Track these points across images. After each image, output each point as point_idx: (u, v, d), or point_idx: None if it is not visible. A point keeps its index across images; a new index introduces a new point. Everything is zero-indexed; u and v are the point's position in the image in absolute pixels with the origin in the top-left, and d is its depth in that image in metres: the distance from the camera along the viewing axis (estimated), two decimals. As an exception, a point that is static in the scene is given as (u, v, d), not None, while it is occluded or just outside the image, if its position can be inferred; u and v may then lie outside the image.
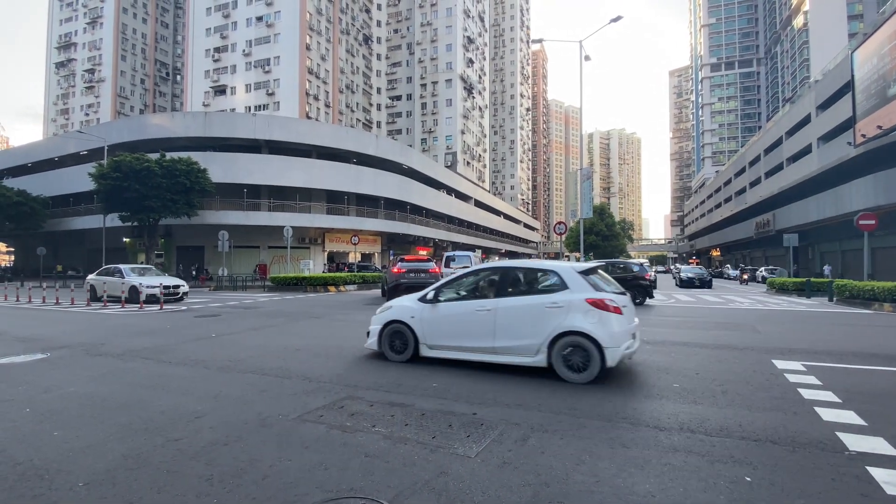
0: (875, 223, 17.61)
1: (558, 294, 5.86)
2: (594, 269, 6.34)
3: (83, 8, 79.30)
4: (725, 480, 3.05)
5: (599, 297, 5.67)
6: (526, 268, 6.55)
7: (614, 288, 6.25)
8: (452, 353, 6.42)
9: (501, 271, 6.51)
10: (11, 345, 8.47)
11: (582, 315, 5.62)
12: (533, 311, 5.90)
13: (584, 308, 5.64)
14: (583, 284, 5.83)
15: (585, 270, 6.07)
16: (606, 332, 5.50)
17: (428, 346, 6.60)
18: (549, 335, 5.70)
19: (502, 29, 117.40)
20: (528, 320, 5.89)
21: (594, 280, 6.01)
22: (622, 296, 6.10)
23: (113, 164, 29.19)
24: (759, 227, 47.55)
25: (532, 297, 6.09)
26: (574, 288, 5.83)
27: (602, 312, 5.59)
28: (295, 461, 3.35)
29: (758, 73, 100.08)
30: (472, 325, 6.24)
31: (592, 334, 5.49)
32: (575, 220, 59.76)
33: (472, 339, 6.24)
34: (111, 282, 17.39)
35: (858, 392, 5.14)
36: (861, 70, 28.07)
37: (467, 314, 6.33)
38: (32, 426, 4.15)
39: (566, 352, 5.63)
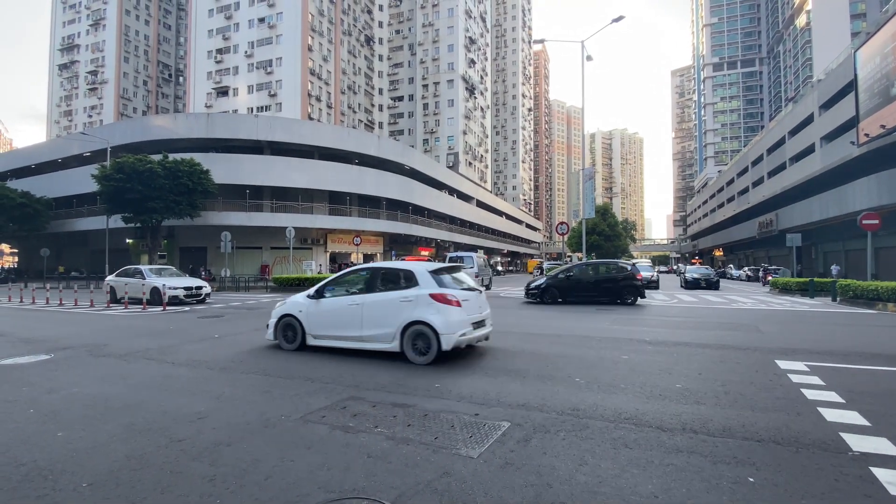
0: (878, 223, 17.54)
1: (410, 290, 6.94)
2: (444, 268, 7.40)
3: (86, 10, 79.59)
4: (728, 481, 3.05)
5: (441, 292, 6.74)
6: (388, 268, 7.66)
7: (465, 286, 7.38)
8: (331, 342, 7.48)
9: (371, 271, 7.66)
10: (16, 346, 8.51)
11: (426, 307, 6.68)
12: (390, 304, 6.97)
13: (427, 301, 6.70)
14: (430, 282, 6.91)
15: (435, 270, 7.19)
16: (443, 321, 6.55)
17: (313, 336, 7.64)
18: (402, 324, 6.78)
19: (504, 29, 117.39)
20: (387, 312, 6.96)
21: (442, 278, 7.06)
22: (470, 292, 7.22)
23: (116, 166, 29.29)
24: (762, 226, 47.43)
25: (391, 293, 7.13)
26: (423, 285, 6.91)
27: (442, 305, 6.64)
28: (298, 462, 3.35)
29: (760, 73, 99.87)
30: (346, 318, 7.30)
31: (432, 323, 6.55)
32: (577, 220, 59.73)
33: (346, 329, 7.30)
34: (132, 283, 17.06)
35: (862, 392, 5.12)
36: (864, 69, 27.98)
37: (342, 308, 7.40)
38: (36, 427, 4.17)
39: (413, 338, 6.72)
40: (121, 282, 17.45)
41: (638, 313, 13.52)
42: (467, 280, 7.74)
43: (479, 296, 7.46)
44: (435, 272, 7.12)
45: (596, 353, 7.43)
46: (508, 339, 8.94)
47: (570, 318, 12.24)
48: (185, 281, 17.54)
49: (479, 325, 7.19)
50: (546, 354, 7.36)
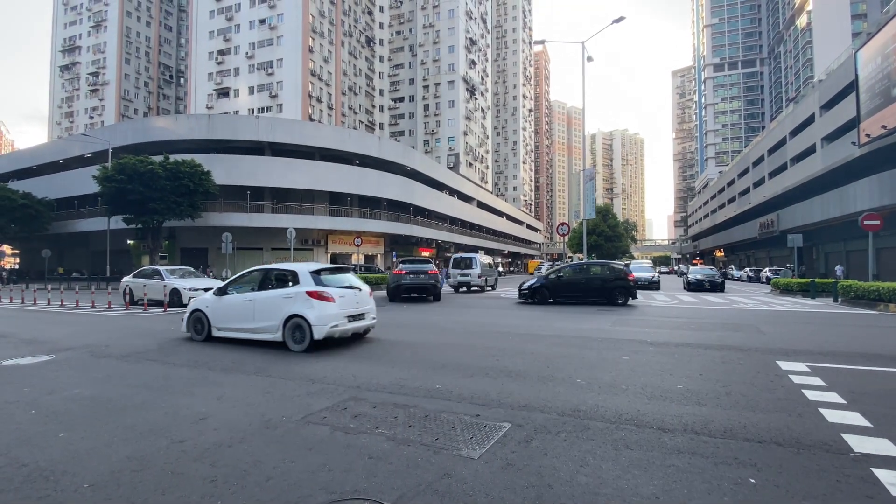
0: (880, 223, 17.53)
1: (292, 288, 8.05)
2: (325, 269, 8.52)
3: (87, 12, 79.79)
4: (729, 482, 3.04)
5: (317, 290, 7.85)
6: (277, 268, 8.71)
7: (346, 284, 8.49)
8: (231, 333, 8.55)
9: (263, 271, 8.75)
10: (17, 347, 8.52)
11: (303, 303, 7.79)
12: (275, 300, 8.06)
13: (304, 298, 7.80)
14: (309, 281, 8.00)
15: (316, 270, 8.27)
16: (316, 315, 7.65)
17: (217, 329, 8.73)
18: (283, 317, 7.86)
19: (504, 30, 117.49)
20: (273, 307, 8.04)
21: (320, 278, 8.16)
22: (348, 289, 8.33)
23: (117, 167, 29.32)
24: (763, 227, 47.38)
25: (277, 290, 8.23)
26: (303, 283, 8.02)
27: (316, 301, 7.75)
28: (299, 463, 3.35)
29: (761, 73, 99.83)
30: (242, 312, 8.41)
31: (306, 316, 7.65)
32: (578, 221, 59.69)
33: (242, 322, 8.40)
34: (151, 284, 16.65)
35: (863, 393, 5.11)
36: (865, 69, 27.96)
37: (239, 304, 8.52)
38: (38, 428, 4.18)
39: (293, 329, 7.79)
40: (139, 283, 17.04)
41: (639, 314, 13.51)
42: (350, 280, 8.84)
43: (358, 293, 8.58)
44: (315, 272, 8.24)
45: (597, 354, 7.43)
46: (508, 339, 8.93)
47: (569, 319, 12.23)
48: (205, 282, 17.04)
49: (355, 318, 8.32)
50: (546, 355, 7.35)
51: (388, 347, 8.16)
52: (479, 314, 13.84)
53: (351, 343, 8.49)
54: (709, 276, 26.13)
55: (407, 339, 9.05)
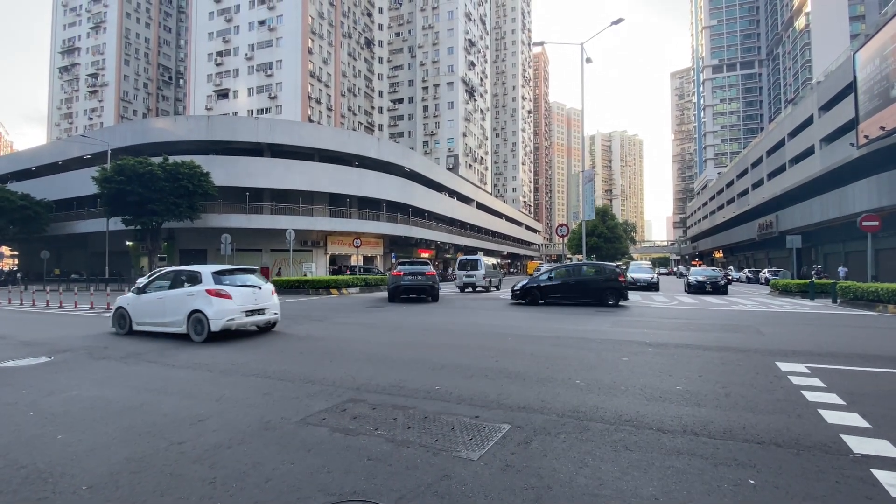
0: (878, 224, 17.56)
1: (195, 287, 9.15)
2: (226, 270, 9.65)
3: (87, 13, 79.80)
4: (729, 483, 3.04)
5: (215, 288, 8.98)
6: (185, 270, 9.84)
7: (247, 283, 9.61)
8: (148, 328, 9.77)
9: (174, 272, 9.94)
10: (16, 348, 8.51)
11: (203, 299, 8.93)
12: (181, 298, 9.22)
13: (204, 295, 8.93)
14: (210, 281, 9.11)
15: (218, 271, 9.43)
16: (213, 310, 8.78)
17: (136, 323, 9.91)
18: (187, 312, 9.00)
19: (503, 32, 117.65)
20: (179, 304, 9.19)
21: (221, 278, 9.26)
22: (246, 288, 9.47)
23: (116, 168, 29.32)
24: (762, 228, 47.45)
25: (183, 289, 9.34)
26: (205, 283, 9.11)
27: (214, 298, 8.89)
28: (298, 464, 3.35)
29: (759, 75, 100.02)
30: (156, 308, 9.61)
31: (205, 311, 8.79)
32: (577, 222, 59.76)
33: (155, 317, 9.58)
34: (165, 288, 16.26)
35: (863, 394, 5.11)
36: (863, 71, 28.03)
37: (153, 301, 9.70)
38: (36, 429, 4.17)
39: (195, 323, 8.93)
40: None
41: (638, 315, 13.51)
42: (251, 279, 9.89)
43: (257, 291, 9.70)
44: (217, 273, 9.38)
45: (596, 356, 7.42)
46: (508, 341, 8.93)
47: (568, 320, 12.23)
48: None
49: (254, 313, 9.51)
50: (546, 356, 7.35)
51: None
52: (470, 315, 13.82)
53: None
54: (711, 278, 24.46)
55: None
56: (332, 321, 12.31)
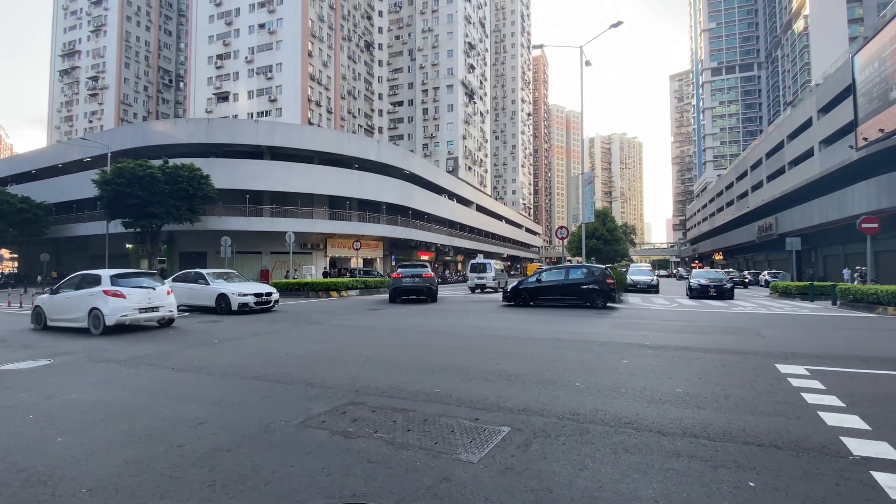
0: (878, 226, 17.57)
1: (95, 288, 10.67)
2: (124, 274, 11.27)
3: (87, 16, 79.99)
4: (729, 485, 3.04)
5: (111, 289, 10.53)
6: (90, 273, 11.34)
7: (142, 284, 11.17)
8: (59, 323, 11.20)
9: (81, 276, 11.43)
10: (15, 351, 8.50)
11: (100, 298, 10.48)
12: (83, 297, 10.72)
13: (101, 295, 10.51)
14: (108, 283, 10.66)
15: (116, 275, 11.03)
16: (108, 308, 10.35)
17: (50, 320, 11.35)
18: (88, 310, 10.52)
19: (503, 35, 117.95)
20: (82, 302, 10.69)
21: (118, 280, 10.82)
22: (142, 289, 11.01)
23: (116, 171, 29.34)
24: (762, 230, 47.48)
25: (85, 290, 10.84)
26: (103, 284, 10.63)
27: (110, 297, 10.45)
28: (297, 467, 3.35)
29: (759, 77, 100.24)
30: (65, 306, 11.08)
31: (101, 308, 10.38)
32: (577, 224, 59.75)
33: (63, 314, 11.11)
34: (196, 289, 15.73)
35: (862, 396, 5.12)
36: (862, 74, 28.10)
37: (63, 300, 11.16)
38: (36, 432, 4.16)
39: (94, 319, 10.49)
40: (182, 288, 15.90)
41: (638, 317, 13.51)
42: (146, 282, 11.40)
43: (151, 292, 11.18)
44: (116, 276, 10.95)
45: (596, 358, 7.42)
46: (506, 344, 8.92)
47: (567, 323, 12.22)
48: (252, 286, 15.98)
49: (147, 310, 11.00)
50: (545, 358, 7.35)
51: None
52: (468, 317, 13.82)
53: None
54: (715, 281, 22.16)
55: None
56: (330, 324, 12.31)
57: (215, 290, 15.28)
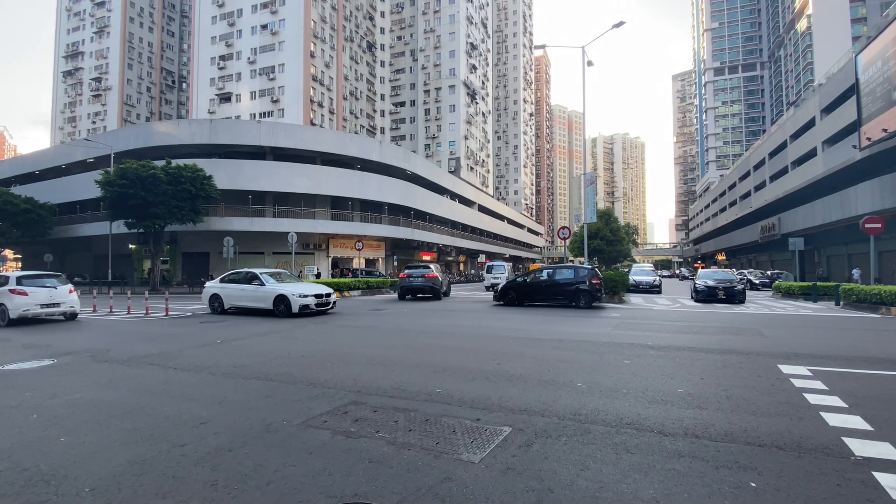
0: (881, 227, 17.51)
1: (3, 287, 12.60)
2: (29, 275, 13.15)
3: (90, 17, 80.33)
4: (730, 486, 3.04)
5: (16, 287, 12.46)
6: (1, 275, 13.31)
7: (46, 284, 13.09)
8: None
9: None
10: (19, 351, 8.54)
11: (6, 296, 12.48)
12: None
13: (7, 293, 12.46)
14: (13, 282, 12.60)
15: (22, 276, 12.96)
16: (12, 304, 12.36)
17: None
18: None
19: (505, 35, 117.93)
20: None
21: (22, 280, 12.77)
22: (44, 288, 12.93)
23: (119, 172, 29.43)
24: (765, 231, 47.34)
25: None
26: (10, 284, 12.55)
27: (15, 295, 12.40)
28: (299, 467, 3.36)
29: (761, 77, 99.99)
30: None
31: (5, 304, 12.42)
32: (579, 224, 59.71)
33: None
34: (250, 291, 14.72)
35: (865, 397, 5.10)
36: (865, 73, 28.00)
37: None
38: (39, 432, 4.19)
39: (0, 313, 12.57)
40: (233, 289, 15.04)
41: (640, 318, 13.49)
42: (51, 282, 13.25)
43: (53, 290, 13.07)
44: (21, 277, 12.89)
45: (598, 358, 7.42)
46: (508, 344, 8.92)
47: (569, 323, 12.21)
48: (310, 287, 15.07)
49: (49, 306, 12.93)
50: (547, 359, 7.35)
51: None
52: (470, 318, 13.82)
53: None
54: (723, 283, 19.72)
55: None
56: (332, 324, 12.33)
57: (273, 292, 14.25)
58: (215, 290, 15.44)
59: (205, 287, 16.11)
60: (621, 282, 20.03)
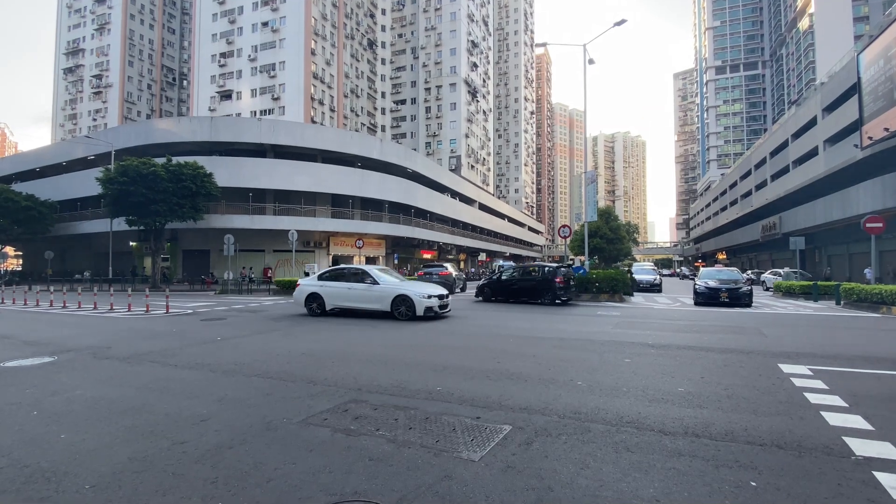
0: (882, 226, 17.48)
1: None
2: None
3: (91, 15, 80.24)
4: (730, 485, 3.04)
5: None
6: None
7: None
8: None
9: None
10: (20, 348, 8.55)
11: None
12: None
13: None
14: None
15: None
16: None
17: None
18: None
19: (506, 33, 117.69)
20: None
21: None
22: None
23: (120, 169, 29.42)
24: (766, 230, 47.29)
25: None
26: None
27: None
28: (299, 464, 3.36)
29: (763, 76, 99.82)
30: None
31: None
32: (580, 223, 59.69)
33: None
34: (359, 290, 13.15)
35: (865, 396, 5.10)
36: (867, 72, 27.93)
37: None
38: (40, 429, 4.19)
39: None
40: (338, 288, 13.48)
41: (641, 317, 13.49)
42: None
43: None
44: None
45: (598, 357, 7.42)
46: (509, 342, 8.92)
47: (569, 322, 12.21)
48: (430, 287, 13.65)
49: None
50: (548, 358, 7.35)
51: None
52: (463, 318, 13.83)
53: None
54: (727, 283, 17.72)
55: None
56: (333, 322, 12.33)
57: (391, 291, 12.69)
58: (314, 289, 13.72)
59: (298, 285, 14.34)
60: (621, 281, 20.01)
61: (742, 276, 19.70)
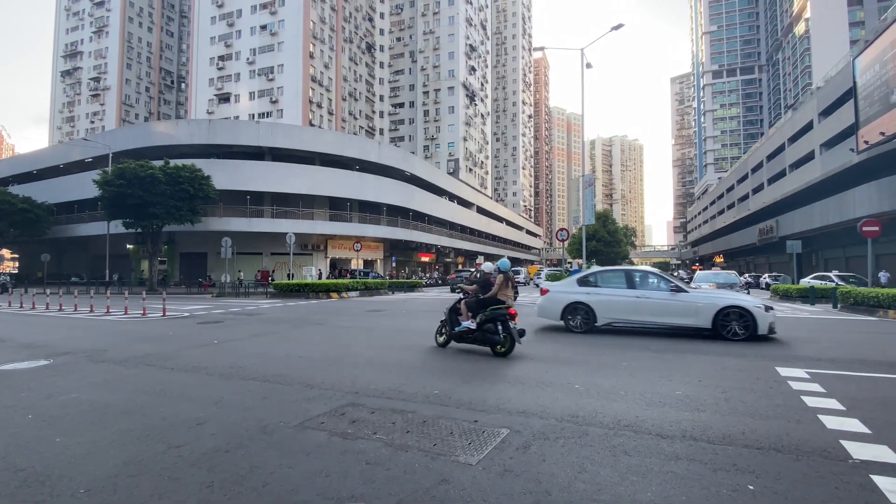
0: (878, 230, 17.55)
1: None
2: None
3: (89, 17, 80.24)
4: (728, 489, 3.03)
5: None
6: None
7: None
8: None
9: None
10: (16, 351, 8.50)
11: None
12: None
13: None
14: None
15: None
16: None
17: None
18: None
19: (504, 37, 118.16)
20: None
21: None
22: None
23: (117, 171, 29.38)
24: (763, 233, 47.45)
25: None
26: None
27: None
28: (296, 468, 3.34)
29: (759, 80, 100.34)
30: None
31: None
32: (577, 226, 59.72)
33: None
34: (656, 300, 9.81)
35: (863, 400, 5.10)
36: (863, 77, 28.11)
37: None
38: (34, 432, 4.16)
39: None
40: (618, 297, 10.19)
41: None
42: None
43: None
44: None
45: (596, 360, 7.41)
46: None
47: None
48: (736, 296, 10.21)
49: None
50: (546, 360, 7.34)
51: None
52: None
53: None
54: (724, 287, 17.29)
55: None
56: (331, 325, 12.31)
57: (713, 303, 9.42)
58: (577, 297, 10.45)
59: (545, 293, 11.13)
60: None
61: (739, 279, 19.79)
